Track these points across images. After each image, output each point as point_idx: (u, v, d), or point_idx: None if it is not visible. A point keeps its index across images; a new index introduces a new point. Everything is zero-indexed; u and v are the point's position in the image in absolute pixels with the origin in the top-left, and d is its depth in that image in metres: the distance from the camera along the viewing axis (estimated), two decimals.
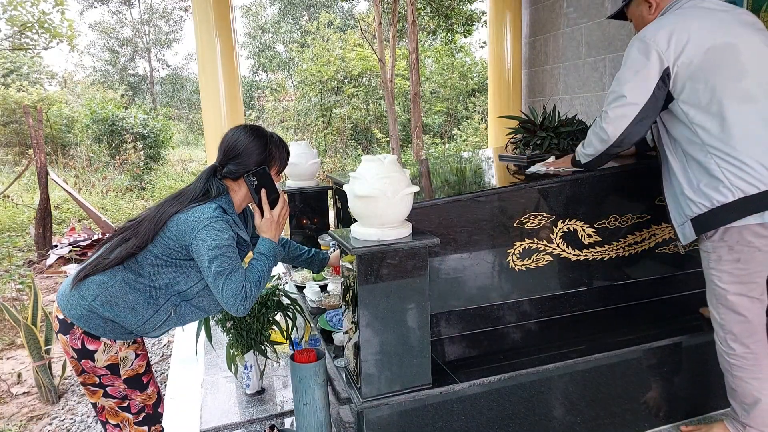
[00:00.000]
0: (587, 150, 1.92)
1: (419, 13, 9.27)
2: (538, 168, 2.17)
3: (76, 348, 1.53)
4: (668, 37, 1.62)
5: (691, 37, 1.60)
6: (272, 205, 1.67)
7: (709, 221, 1.64)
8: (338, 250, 2.01)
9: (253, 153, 1.62)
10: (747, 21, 1.67)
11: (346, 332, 1.77)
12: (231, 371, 2.32)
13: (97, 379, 1.57)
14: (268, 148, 1.65)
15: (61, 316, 1.55)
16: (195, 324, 2.52)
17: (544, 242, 2.08)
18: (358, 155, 12.05)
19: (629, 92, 1.68)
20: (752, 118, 1.59)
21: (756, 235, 1.61)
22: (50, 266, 5.33)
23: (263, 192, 1.64)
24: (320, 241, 2.76)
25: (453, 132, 12.72)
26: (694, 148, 1.66)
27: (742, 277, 1.67)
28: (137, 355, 1.62)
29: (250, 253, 1.70)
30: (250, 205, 1.75)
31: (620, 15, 1.98)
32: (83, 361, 1.54)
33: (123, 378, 1.58)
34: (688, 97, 1.64)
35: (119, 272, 1.52)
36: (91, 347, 1.53)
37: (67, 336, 1.54)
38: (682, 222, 1.74)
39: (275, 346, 2.37)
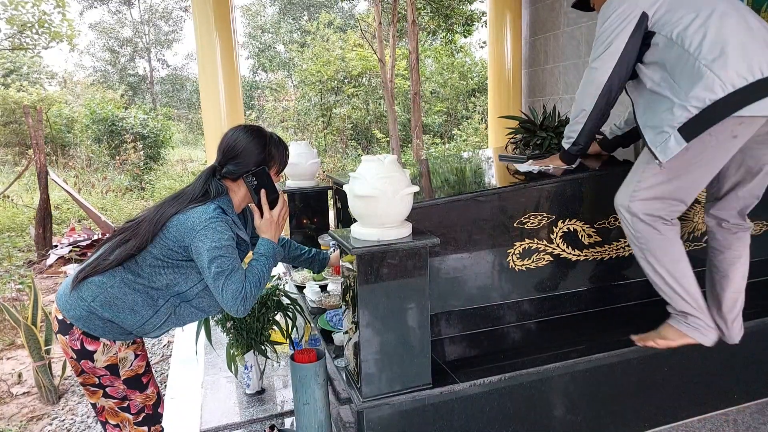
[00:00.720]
0: (573, 127, 1.95)
1: (419, 13, 9.27)
2: (529, 166, 2.18)
3: (76, 348, 1.53)
4: None
5: None
6: (272, 206, 1.66)
7: (700, 123, 1.61)
8: (338, 250, 2.01)
9: (253, 153, 1.62)
10: None
11: (346, 332, 1.77)
12: (231, 371, 2.32)
13: (96, 380, 1.57)
14: (268, 148, 1.65)
15: (60, 317, 1.55)
16: (195, 324, 2.51)
17: (544, 242, 2.08)
18: (358, 155, 12.05)
19: (614, 41, 1.76)
20: (731, 22, 1.62)
21: (740, 125, 1.61)
22: (50, 266, 5.33)
23: (263, 192, 1.64)
24: (320, 241, 2.76)
25: (453, 132, 12.72)
26: (681, 63, 1.65)
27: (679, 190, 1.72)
28: (137, 356, 1.61)
29: (250, 253, 1.70)
30: (249, 205, 1.74)
31: (584, 5, 2.04)
32: (82, 361, 1.54)
33: (122, 378, 1.58)
34: (670, 23, 1.69)
35: (118, 273, 1.52)
36: (90, 348, 1.53)
37: (67, 336, 1.53)
38: (666, 138, 1.65)
39: (275, 346, 2.37)
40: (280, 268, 3.40)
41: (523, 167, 2.21)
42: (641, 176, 1.77)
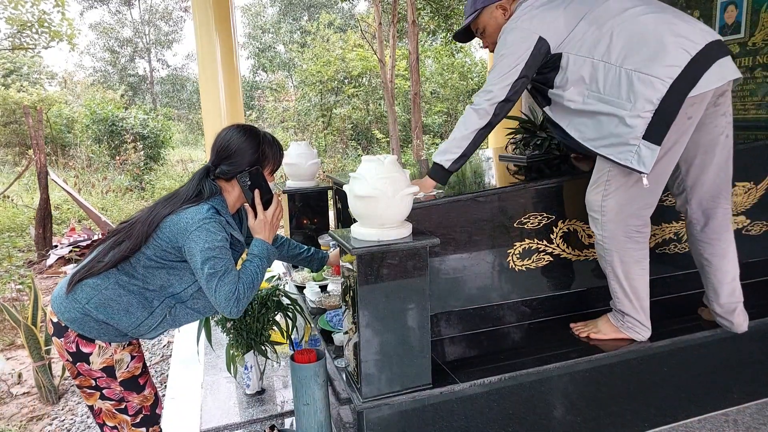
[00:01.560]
0: (461, 143, 1.83)
1: (419, 14, 9.28)
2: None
3: (71, 351, 1.53)
4: (540, 19, 1.77)
5: (558, 13, 1.77)
6: (266, 206, 1.65)
7: (660, 123, 1.61)
8: (338, 250, 2.01)
9: (246, 153, 1.61)
10: None
11: (346, 332, 1.77)
12: (230, 373, 2.32)
13: (93, 382, 1.56)
14: (261, 148, 1.63)
15: (55, 320, 1.54)
16: (195, 325, 2.51)
17: (544, 242, 2.08)
18: (358, 155, 12.05)
19: (512, 65, 1.77)
20: (640, 20, 1.67)
21: (691, 106, 1.63)
22: (50, 266, 5.33)
23: (257, 192, 1.63)
24: (320, 241, 2.76)
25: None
26: (603, 76, 1.68)
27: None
28: (133, 357, 1.61)
29: (245, 253, 1.69)
30: (243, 205, 1.74)
31: (466, 35, 2.05)
32: (78, 364, 1.54)
33: (119, 380, 1.58)
34: (575, 40, 1.74)
35: (113, 275, 1.51)
36: (85, 350, 1.52)
37: (62, 339, 1.53)
38: (636, 149, 1.64)
39: (275, 347, 2.36)
40: (280, 268, 3.40)
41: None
42: (609, 176, 1.79)
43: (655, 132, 1.62)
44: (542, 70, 1.83)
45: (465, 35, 2.05)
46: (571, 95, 1.77)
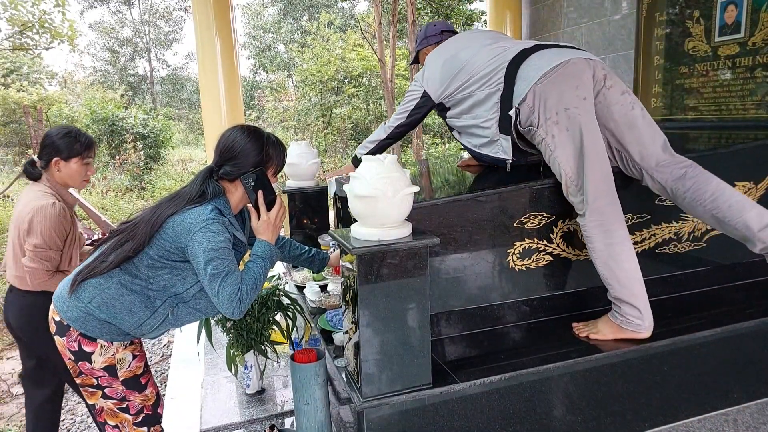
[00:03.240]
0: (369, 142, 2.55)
1: (419, 13, 9.28)
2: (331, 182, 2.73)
3: (73, 350, 1.53)
4: (431, 73, 2.27)
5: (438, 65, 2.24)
6: (269, 207, 1.65)
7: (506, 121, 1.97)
8: (338, 250, 2.01)
9: (250, 154, 1.61)
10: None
11: (346, 332, 1.77)
12: (231, 372, 2.32)
13: (94, 381, 1.57)
14: (265, 149, 1.63)
15: (57, 318, 1.55)
16: (195, 324, 2.51)
17: (544, 242, 2.08)
18: None
19: (406, 101, 2.40)
20: (477, 53, 2.13)
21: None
22: None
23: (260, 193, 1.63)
24: (320, 241, 2.76)
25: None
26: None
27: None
28: (135, 356, 1.61)
29: (248, 254, 1.69)
30: (246, 206, 1.74)
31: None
32: (80, 363, 1.54)
33: (121, 379, 1.58)
34: (449, 91, 2.21)
35: (115, 274, 1.52)
36: (87, 349, 1.53)
37: (64, 338, 1.53)
38: (496, 140, 2.05)
39: (275, 346, 2.36)
40: (280, 268, 3.40)
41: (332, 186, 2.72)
42: (560, 167, 1.91)
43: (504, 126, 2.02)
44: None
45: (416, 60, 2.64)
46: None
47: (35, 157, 2.21)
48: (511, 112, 1.95)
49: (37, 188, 2.16)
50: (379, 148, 2.50)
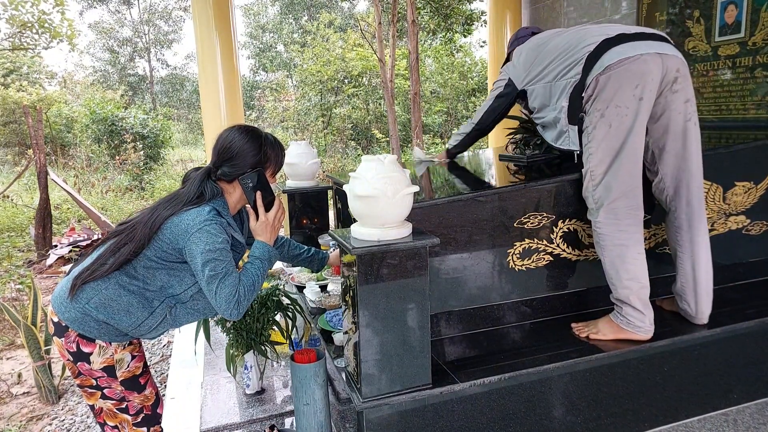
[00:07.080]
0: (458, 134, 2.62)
1: (419, 13, 9.28)
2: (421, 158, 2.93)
3: (72, 351, 1.53)
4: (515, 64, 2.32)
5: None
6: (267, 208, 1.64)
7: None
8: (338, 250, 2.01)
9: (248, 155, 1.60)
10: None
11: (346, 332, 1.77)
12: (230, 372, 2.32)
13: (93, 381, 1.56)
14: (263, 150, 1.62)
15: (55, 319, 1.54)
16: (195, 324, 2.51)
17: (544, 242, 2.08)
18: (358, 155, 12.05)
19: (495, 90, 2.41)
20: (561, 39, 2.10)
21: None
22: (50, 266, 5.33)
23: (258, 194, 1.62)
24: (320, 241, 2.76)
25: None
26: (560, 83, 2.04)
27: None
28: (133, 357, 1.61)
29: (246, 255, 1.69)
30: (245, 207, 1.73)
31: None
32: (79, 363, 1.54)
33: (120, 380, 1.57)
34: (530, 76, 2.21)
35: (113, 275, 1.51)
36: (86, 350, 1.52)
37: (62, 339, 1.53)
38: (566, 130, 2.00)
39: (275, 346, 2.36)
40: (280, 268, 3.39)
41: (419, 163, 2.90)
42: (589, 159, 1.92)
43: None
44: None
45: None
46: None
47: None
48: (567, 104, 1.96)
49: None
50: (468, 141, 2.59)
